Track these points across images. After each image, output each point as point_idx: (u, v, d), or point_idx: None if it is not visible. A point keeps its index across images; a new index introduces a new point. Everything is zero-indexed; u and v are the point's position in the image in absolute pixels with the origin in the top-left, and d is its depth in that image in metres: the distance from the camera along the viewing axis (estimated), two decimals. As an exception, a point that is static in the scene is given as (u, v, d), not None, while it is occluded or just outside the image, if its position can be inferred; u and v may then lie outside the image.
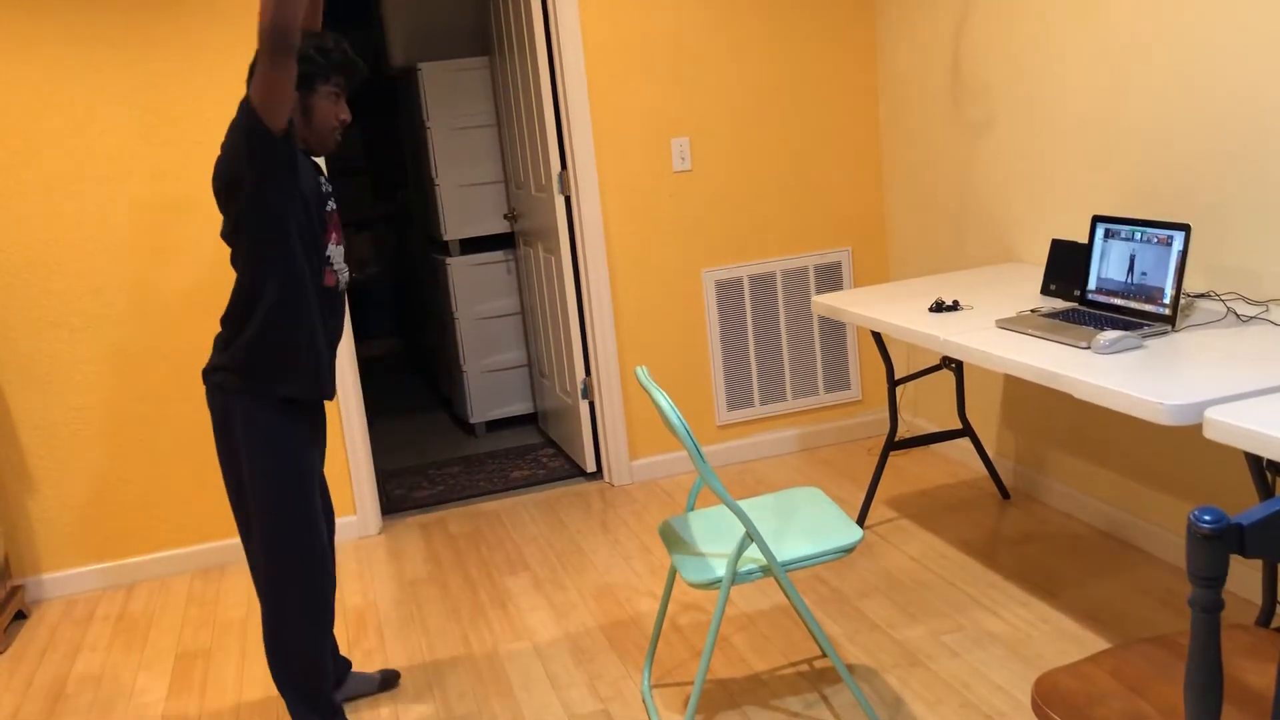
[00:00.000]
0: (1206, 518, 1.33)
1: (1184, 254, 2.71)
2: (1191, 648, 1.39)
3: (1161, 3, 3.03)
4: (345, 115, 2.57)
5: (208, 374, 2.60)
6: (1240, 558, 2.97)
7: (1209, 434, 2.07)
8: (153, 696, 3.17)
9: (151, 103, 3.82)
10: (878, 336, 3.66)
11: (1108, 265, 2.94)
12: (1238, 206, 2.89)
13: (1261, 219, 2.83)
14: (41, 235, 3.80)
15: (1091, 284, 2.99)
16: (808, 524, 2.66)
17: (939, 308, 3.18)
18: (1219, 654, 1.38)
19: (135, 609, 3.80)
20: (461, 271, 5.32)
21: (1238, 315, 2.75)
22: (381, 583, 3.77)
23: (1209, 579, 1.35)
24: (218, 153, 3.88)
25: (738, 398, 4.54)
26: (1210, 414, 2.07)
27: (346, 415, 4.13)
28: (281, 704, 3.03)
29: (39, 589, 3.96)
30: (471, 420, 5.41)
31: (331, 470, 4.16)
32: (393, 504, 4.52)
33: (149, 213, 3.88)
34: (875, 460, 4.42)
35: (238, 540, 4.10)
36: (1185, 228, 2.71)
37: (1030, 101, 3.61)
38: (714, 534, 2.69)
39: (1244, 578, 3.00)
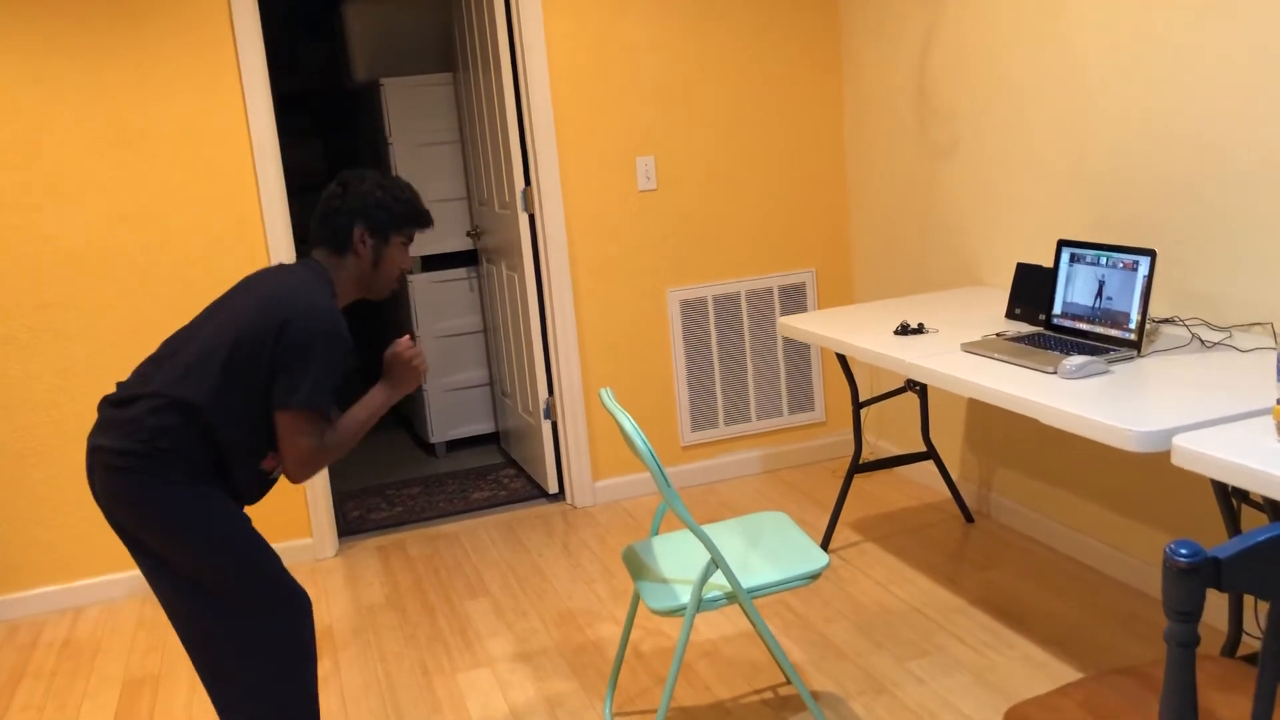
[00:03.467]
0: (1183, 551, 1.30)
1: (1149, 279, 2.71)
2: (1166, 682, 1.36)
3: (1125, 35, 3.04)
4: (408, 264, 2.43)
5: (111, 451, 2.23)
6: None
7: (1177, 461, 2.06)
8: (98, 726, 3.08)
9: (106, 113, 3.74)
10: (842, 359, 3.64)
11: (1073, 290, 2.94)
12: (1201, 233, 2.90)
13: (1225, 246, 2.84)
14: (-11, 249, 3.70)
15: (1057, 308, 2.98)
16: (773, 550, 2.62)
17: (904, 330, 3.16)
18: (1194, 688, 1.35)
19: (82, 634, 3.69)
20: (423, 289, 5.26)
21: (1202, 341, 2.75)
22: (338, 607, 3.69)
23: (1185, 613, 1.32)
24: (176, 163, 3.82)
25: (702, 418, 4.50)
26: (1179, 441, 2.06)
27: (303, 435, 4.04)
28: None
29: (-18, 613, 3.85)
30: (432, 440, 5.33)
31: (287, 491, 4.07)
32: (350, 526, 4.44)
33: (101, 225, 3.79)
34: (839, 482, 4.40)
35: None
36: (1151, 253, 2.71)
37: (994, 126, 3.62)
38: (678, 559, 2.65)
39: (1209, 604, 3.00)
